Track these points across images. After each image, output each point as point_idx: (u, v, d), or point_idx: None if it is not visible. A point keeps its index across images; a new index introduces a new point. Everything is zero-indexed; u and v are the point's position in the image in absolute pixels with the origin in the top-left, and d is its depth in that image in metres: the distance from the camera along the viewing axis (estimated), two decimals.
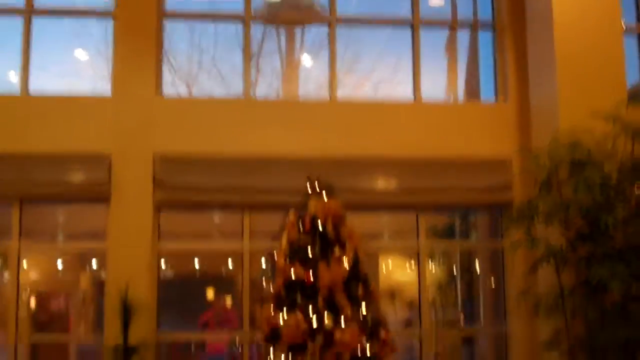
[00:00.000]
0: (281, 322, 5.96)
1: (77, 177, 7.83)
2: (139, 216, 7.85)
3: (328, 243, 6.24)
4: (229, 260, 9.18)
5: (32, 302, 9.30)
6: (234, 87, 8.72)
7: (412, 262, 9.20)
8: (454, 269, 10.05)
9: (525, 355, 8.04)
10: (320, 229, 6.29)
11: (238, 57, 8.67)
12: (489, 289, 9.18)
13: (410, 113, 8.52)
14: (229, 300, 9.91)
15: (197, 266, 9.56)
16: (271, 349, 5.99)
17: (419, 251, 8.36)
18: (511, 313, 8.24)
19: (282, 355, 5.88)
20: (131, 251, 7.76)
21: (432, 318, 8.51)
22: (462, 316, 9.86)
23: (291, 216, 6.50)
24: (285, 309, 6.03)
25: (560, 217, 6.85)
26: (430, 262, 8.94)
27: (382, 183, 8.19)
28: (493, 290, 9.01)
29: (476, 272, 9.42)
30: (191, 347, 10.85)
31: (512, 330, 8.26)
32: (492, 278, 9.04)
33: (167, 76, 8.63)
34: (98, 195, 7.83)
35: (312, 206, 6.39)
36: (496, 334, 8.63)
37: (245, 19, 8.64)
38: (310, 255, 6.17)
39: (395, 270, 11.40)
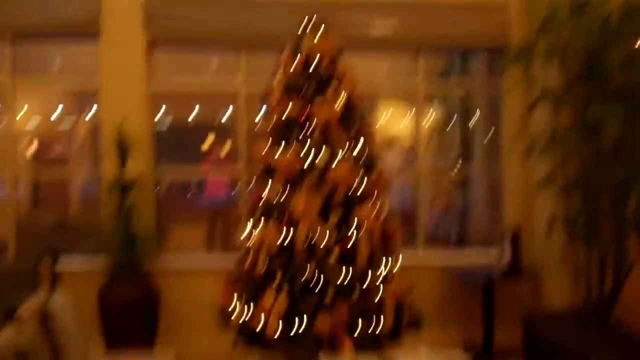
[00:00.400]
0: (277, 158, 5.99)
1: (65, 10, 7.61)
2: (130, 53, 7.74)
3: (323, 81, 6.16)
4: (226, 103, 9.12)
5: (32, 143, 9.39)
6: None
7: (411, 108, 9.16)
8: (451, 112, 10.06)
9: (520, 195, 8.17)
10: (315, 66, 6.20)
11: None
12: (485, 131, 9.24)
13: None
14: (227, 145, 9.98)
15: (194, 110, 9.52)
16: (268, 183, 6.05)
17: (417, 92, 8.28)
18: (506, 154, 8.29)
19: (279, 189, 5.94)
20: (124, 89, 7.71)
21: (428, 161, 8.57)
22: (458, 159, 9.96)
23: (286, 54, 6.39)
24: (281, 146, 6.04)
25: (558, 58, 6.74)
26: (428, 105, 8.90)
27: (380, 22, 7.99)
28: (489, 132, 9.07)
29: (473, 114, 9.43)
30: (190, 188, 11.04)
31: (507, 172, 8.34)
32: (489, 121, 9.07)
33: None
34: (88, 30, 7.66)
35: (307, 44, 6.27)
36: (491, 176, 8.74)
37: None
38: (305, 93, 6.10)
39: (393, 119, 11.44)
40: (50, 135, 10.43)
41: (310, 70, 6.18)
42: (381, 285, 5.83)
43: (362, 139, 6.14)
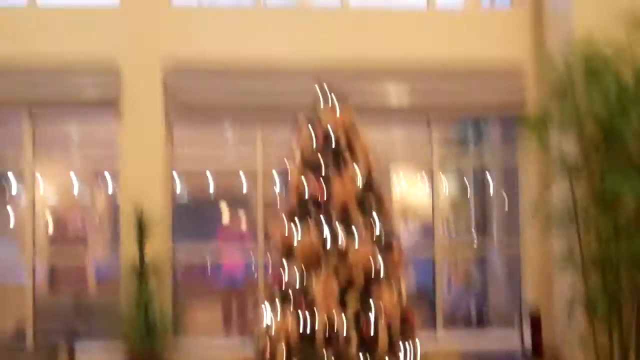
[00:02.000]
0: (295, 239, 5.93)
1: (87, 91, 7.75)
2: (150, 130, 7.83)
3: (341, 156, 6.11)
4: (242, 176, 9.12)
5: (49, 218, 9.40)
6: None
7: (425, 176, 9.13)
8: (467, 182, 9.98)
9: (539, 272, 8.04)
10: (333, 141, 6.15)
11: None
12: (502, 202, 9.18)
13: (423, 19, 8.37)
14: (243, 218, 9.94)
15: (210, 183, 9.49)
16: (285, 266, 5.99)
17: (432, 161, 8.33)
18: (525, 228, 8.21)
19: (297, 272, 5.88)
20: (144, 166, 7.77)
21: (446, 234, 8.51)
22: (474, 231, 9.88)
23: (303, 127, 6.35)
24: (299, 225, 5.99)
25: (574, 126, 6.73)
26: (442, 175, 8.86)
27: (394, 90, 8.07)
28: (506, 204, 9.01)
29: (489, 185, 9.40)
30: (207, 269, 10.95)
31: (526, 247, 8.24)
32: (505, 192, 9.04)
33: None
34: (109, 109, 7.78)
35: (324, 117, 6.24)
36: (510, 252, 8.62)
37: None
38: (324, 170, 6.06)
39: (408, 186, 11.34)
40: (68, 212, 10.46)
41: (327, 145, 6.11)
42: None
43: (380, 217, 6.10)
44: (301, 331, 5.66)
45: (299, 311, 5.69)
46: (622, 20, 6.53)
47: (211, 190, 9.39)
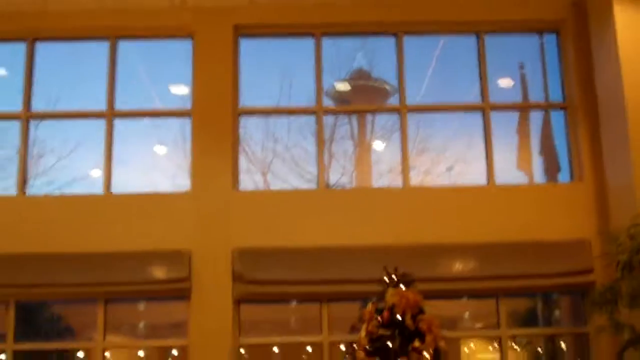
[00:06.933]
0: None
1: (159, 274, 8.08)
2: (219, 310, 8.00)
3: (407, 335, 6.13)
4: (309, 351, 9.12)
5: None
6: (309, 172, 8.91)
7: (495, 345, 8.97)
8: (538, 355, 9.73)
9: None
10: (400, 320, 6.19)
11: (311, 144, 8.92)
12: None
13: (485, 196, 8.52)
14: None
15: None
16: None
17: (501, 338, 8.21)
18: None
19: None
20: (212, 347, 7.87)
21: None
22: None
23: (370, 307, 6.42)
24: None
25: None
26: (513, 346, 8.71)
27: (460, 270, 8.15)
28: None
29: (561, 357, 9.13)
30: None
31: None
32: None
33: (242, 163, 8.87)
34: (179, 291, 8.05)
35: (390, 297, 6.31)
36: None
37: (317, 112, 8.89)
38: (390, 349, 6.07)
39: (477, 357, 11.11)
40: None
41: (394, 325, 6.16)
42: None
43: None
44: None
45: None
46: None
47: None
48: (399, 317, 6.19)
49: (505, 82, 9.29)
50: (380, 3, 8.89)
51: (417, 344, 6.08)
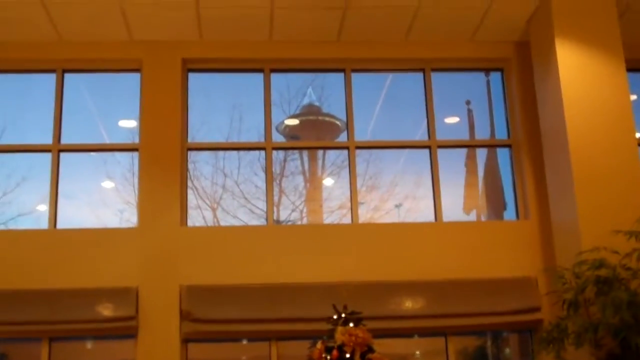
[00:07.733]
0: None
1: (105, 312, 7.88)
2: (166, 350, 7.85)
3: None
4: None
5: None
6: (259, 208, 8.87)
7: None
8: None
9: None
10: (349, 359, 6.20)
11: (262, 180, 8.89)
12: None
13: (433, 233, 8.55)
14: None
15: None
16: None
17: None
18: None
19: None
20: None
21: None
22: None
23: (319, 346, 6.41)
24: None
25: (590, 338, 6.70)
26: None
27: (409, 307, 8.13)
28: None
29: None
30: None
31: None
32: None
33: (192, 199, 8.81)
34: (126, 329, 7.88)
35: (339, 335, 6.31)
36: None
37: (266, 147, 8.90)
38: None
39: None
40: None
41: None
42: None
43: None
44: None
45: None
46: (625, 233, 6.78)
47: None
48: (347, 355, 6.19)
49: (452, 120, 9.41)
50: (329, 40, 8.97)
51: None
